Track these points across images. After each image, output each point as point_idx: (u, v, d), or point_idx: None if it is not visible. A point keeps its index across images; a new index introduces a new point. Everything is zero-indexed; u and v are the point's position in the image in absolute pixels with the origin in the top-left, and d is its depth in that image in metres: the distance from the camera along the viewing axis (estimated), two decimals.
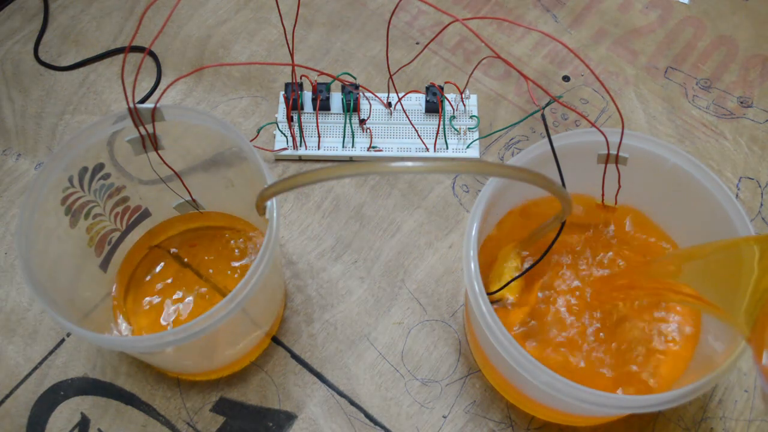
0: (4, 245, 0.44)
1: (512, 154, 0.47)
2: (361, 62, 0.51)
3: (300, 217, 0.45)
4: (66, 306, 0.35)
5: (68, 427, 0.39)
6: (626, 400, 0.30)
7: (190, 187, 0.40)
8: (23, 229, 0.33)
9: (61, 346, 0.41)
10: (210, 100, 0.49)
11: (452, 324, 0.41)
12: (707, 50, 0.52)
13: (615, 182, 0.37)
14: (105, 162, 0.37)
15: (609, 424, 0.38)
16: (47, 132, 0.48)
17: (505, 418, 0.39)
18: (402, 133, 0.47)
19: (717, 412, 0.39)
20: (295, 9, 0.52)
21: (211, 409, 0.39)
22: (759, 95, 0.50)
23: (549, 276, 0.38)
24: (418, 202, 0.45)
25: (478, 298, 0.32)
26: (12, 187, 0.46)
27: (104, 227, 0.39)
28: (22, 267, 0.32)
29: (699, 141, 0.48)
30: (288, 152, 0.46)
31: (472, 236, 0.33)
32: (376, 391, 0.39)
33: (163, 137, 0.36)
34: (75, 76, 0.51)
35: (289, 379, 0.40)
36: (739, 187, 0.46)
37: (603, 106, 0.49)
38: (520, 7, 0.54)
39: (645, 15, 0.53)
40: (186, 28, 0.53)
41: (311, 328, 0.41)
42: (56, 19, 0.53)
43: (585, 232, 0.39)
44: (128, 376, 0.40)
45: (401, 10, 0.53)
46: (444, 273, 0.43)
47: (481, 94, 0.49)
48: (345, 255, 0.44)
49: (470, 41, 0.52)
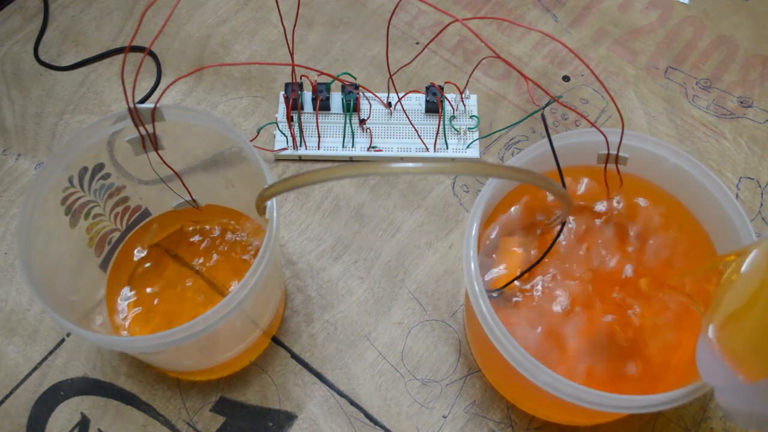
0: (4, 245, 0.44)
1: (512, 154, 0.47)
2: (361, 62, 0.51)
3: (300, 217, 0.45)
4: (66, 306, 0.35)
5: (68, 427, 0.39)
6: (626, 400, 0.30)
7: (190, 187, 0.40)
8: (23, 229, 0.33)
9: (61, 346, 0.41)
10: (210, 100, 0.49)
11: (452, 324, 0.41)
12: (707, 50, 0.52)
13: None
14: (105, 162, 0.37)
15: (609, 424, 0.39)
16: (47, 132, 0.48)
17: (505, 418, 0.39)
18: (402, 133, 0.47)
19: (717, 412, 0.39)
20: (295, 9, 0.52)
21: (211, 409, 0.39)
22: (759, 95, 0.50)
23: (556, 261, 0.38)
24: (418, 202, 0.45)
25: (478, 298, 0.32)
26: (12, 187, 0.46)
27: (104, 227, 0.39)
28: (22, 267, 0.32)
29: (699, 141, 0.48)
30: (288, 152, 0.46)
31: (472, 236, 0.33)
32: (376, 391, 0.39)
33: (163, 137, 0.36)
34: (75, 76, 0.51)
35: (289, 379, 0.40)
36: (739, 187, 0.46)
37: (603, 106, 0.49)
38: (520, 7, 0.54)
39: (645, 15, 0.53)
40: (186, 28, 0.53)
41: (311, 328, 0.41)
42: (56, 19, 0.53)
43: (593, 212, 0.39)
44: (128, 376, 0.40)
45: (401, 10, 0.53)
46: (444, 273, 0.43)
47: (481, 94, 0.49)
48: (345, 255, 0.44)
49: (470, 41, 0.52)
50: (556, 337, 0.37)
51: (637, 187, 0.38)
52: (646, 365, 0.36)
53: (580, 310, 0.37)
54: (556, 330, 0.37)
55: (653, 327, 0.37)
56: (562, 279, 0.38)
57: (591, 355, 0.37)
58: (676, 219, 0.37)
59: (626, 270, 0.39)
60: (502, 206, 0.38)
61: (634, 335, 0.37)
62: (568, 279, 0.38)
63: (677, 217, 0.37)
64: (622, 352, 0.37)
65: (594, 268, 0.38)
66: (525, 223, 0.39)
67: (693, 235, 0.37)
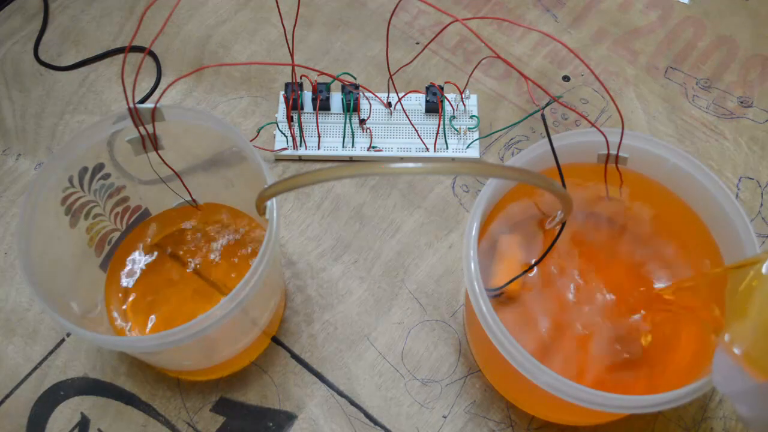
0: (4, 245, 0.44)
1: (512, 154, 0.47)
2: (361, 62, 0.51)
3: (300, 217, 0.45)
4: (66, 306, 0.35)
5: (68, 427, 0.39)
6: (626, 400, 0.30)
7: (190, 187, 0.40)
8: (23, 229, 0.33)
9: (61, 346, 0.41)
10: (210, 100, 0.49)
11: (452, 324, 0.41)
12: (707, 50, 0.52)
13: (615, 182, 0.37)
14: (105, 162, 0.37)
15: (609, 424, 0.39)
16: (47, 132, 0.48)
17: (505, 418, 0.39)
18: (402, 133, 0.47)
19: (717, 412, 0.39)
20: (295, 9, 0.52)
21: (211, 409, 0.39)
22: (759, 95, 0.50)
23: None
24: (418, 202, 0.45)
25: (478, 298, 0.32)
26: (12, 187, 0.46)
27: (104, 227, 0.39)
28: (22, 267, 0.32)
29: (699, 141, 0.48)
30: (288, 152, 0.46)
31: (472, 236, 0.33)
32: (376, 391, 0.39)
33: (163, 137, 0.36)
34: (75, 76, 0.51)
35: (289, 379, 0.40)
36: (739, 187, 0.46)
37: (603, 106, 0.49)
38: (520, 7, 0.54)
39: (645, 15, 0.53)
40: (186, 28, 0.53)
41: (311, 328, 0.41)
42: (56, 19, 0.53)
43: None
44: (128, 376, 0.40)
45: (401, 10, 0.53)
46: (444, 273, 0.43)
47: (481, 94, 0.49)
48: (345, 255, 0.44)
49: (470, 41, 0.52)
50: (557, 336, 0.37)
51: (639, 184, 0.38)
52: (646, 365, 0.36)
53: (580, 309, 0.37)
54: (556, 329, 0.37)
55: (654, 327, 0.37)
56: (562, 278, 0.38)
57: (591, 354, 0.37)
58: (678, 217, 0.37)
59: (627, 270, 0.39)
60: (502, 206, 0.38)
61: (635, 335, 0.37)
62: (568, 278, 0.38)
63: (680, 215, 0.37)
64: (622, 352, 0.37)
65: (595, 268, 0.38)
66: (525, 222, 0.39)
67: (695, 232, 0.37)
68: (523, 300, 0.38)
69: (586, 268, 0.39)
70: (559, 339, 0.37)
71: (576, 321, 0.37)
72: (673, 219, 0.38)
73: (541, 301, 0.38)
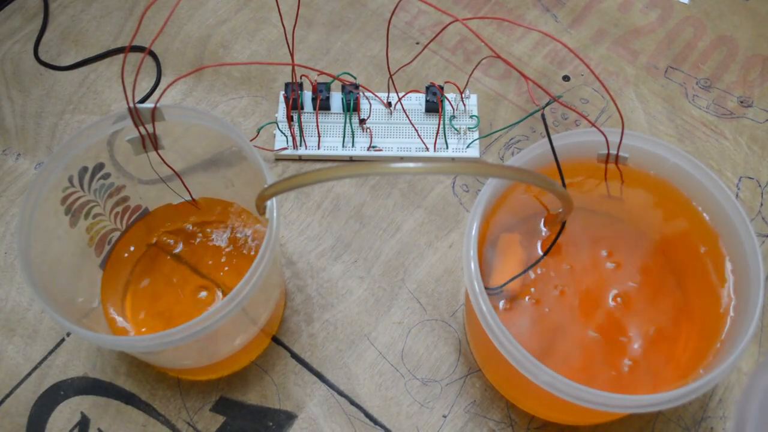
0: (4, 245, 0.44)
1: (512, 153, 0.47)
2: (361, 62, 0.51)
3: (300, 216, 0.45)
4: (66, 306, 0.35)
5: (68, 426, 0.39)
6: (626, 400, 0.30)
7: (190, 187, 0.40)
8: (23, 229, 0.33)
9: (61, 346, 0.41)
10: (210, 100, 0.49)
11: (452, 324, 0.41)
12: (707, 50, 0.52)
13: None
14: (105, 162, 0.37)
15: (609, 423, 0.39)
16: (47, 132, 0.48)
17: (505, 418, 0.39)
18: (402, 132, 0.47)
19: (717, 412, 0.39)
20: (295, 9, 0.52)
21: (211, 409, 0.39)
22: (759, 95, 0.50)
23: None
24: (418, 202, 0.45)
25: (478, 298, 0.32)
26: (12, 187, 0.46)
27: (104, 227, 0.39)
28: (22, 267, 0.32)
29: (699, 141, 0.48)
30: (288, 152, 0.46)
31: (472, 236, 0.33)
32: (376, 390, 0.39)
33: (163, 137, 0.36)
34: (75, 75, 0.51)
35: (289, 378, 0.40)
36: (739, 187, 0.46)
37: (603, 106, 0.49)
38: (520, 7, 0.54)
39: (645, 15, 0.53)
40: (186, 28, 0.53)
41: (311, 328, 0.41)
42: (56, 19, 0.53)
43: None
44: (128, 376, 0.40)
45: (401, 10, 0.53)
46: (444, 273, 0.43)
47: (481, 93, 0.49)
48: (345, 255, 0.44)
49: (470, 41, 0.52)
50: (557, 336, 0.37)
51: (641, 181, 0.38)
52: (646, 365, 0.36)
53: (581, 308, 0.37)
54: (556, 329, 0.37)
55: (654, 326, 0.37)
56: (562, 278, 0.38)
57: (591, 354, 0.37)
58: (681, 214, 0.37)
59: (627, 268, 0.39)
60: (502, 205, 0.38)
61: (635, 334, 0.37)
62: (568, 278, 0.38)
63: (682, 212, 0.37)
64: (622, 352, 0.37)
65: (595, 267, 0.38)
66: (525, 222, 0.39)
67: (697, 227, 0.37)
68: (523, 299, 0.38)
69: (587, 266, 0.39)
70: (559, 338, 0.37)
71: (576, 320, 0.37)
72: (675, 215, 0.38)
73: (541, 300, 0.38)
